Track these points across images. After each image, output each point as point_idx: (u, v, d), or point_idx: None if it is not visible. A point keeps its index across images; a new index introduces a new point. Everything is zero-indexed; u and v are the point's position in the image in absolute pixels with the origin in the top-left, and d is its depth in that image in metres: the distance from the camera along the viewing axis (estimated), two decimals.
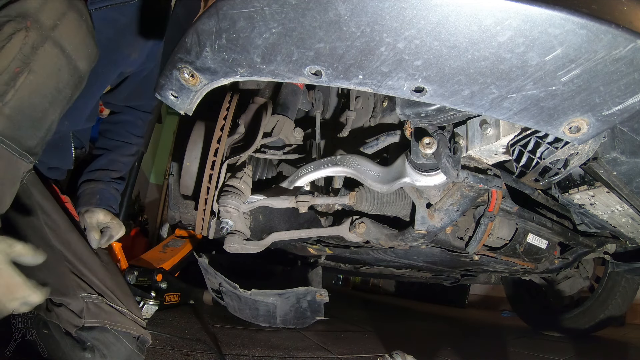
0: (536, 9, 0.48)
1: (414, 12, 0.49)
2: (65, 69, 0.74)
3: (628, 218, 1.17)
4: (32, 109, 0.71)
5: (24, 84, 0.68)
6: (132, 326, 0.98)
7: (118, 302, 0.98)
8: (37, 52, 0.69)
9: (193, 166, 1.29)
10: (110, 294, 0.98)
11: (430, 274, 1.99)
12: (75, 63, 0.76)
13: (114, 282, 1.02)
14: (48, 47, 0.71)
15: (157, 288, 1.65)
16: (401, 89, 0.61)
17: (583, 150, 0.83)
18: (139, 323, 1.00)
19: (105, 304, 0.95)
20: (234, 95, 1.21)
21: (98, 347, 0.91)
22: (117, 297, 0.98)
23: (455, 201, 0.94)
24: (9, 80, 0.67)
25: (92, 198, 1.14)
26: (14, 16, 0.68)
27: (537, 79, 0.55)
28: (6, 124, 0.68)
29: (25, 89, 0.69)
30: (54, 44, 0.71)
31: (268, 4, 0.51)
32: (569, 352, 1.81)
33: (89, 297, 0.93)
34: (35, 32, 0.69)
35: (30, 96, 0.70)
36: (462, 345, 1.96)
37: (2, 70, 0.66)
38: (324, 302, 1.58)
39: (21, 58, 0.67)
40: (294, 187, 1.10)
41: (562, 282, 2.12)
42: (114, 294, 0.98)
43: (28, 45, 0.68)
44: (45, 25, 0.70)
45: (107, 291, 0.97)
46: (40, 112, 0.73)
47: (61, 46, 0.72)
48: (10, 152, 0.70)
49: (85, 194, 1.15)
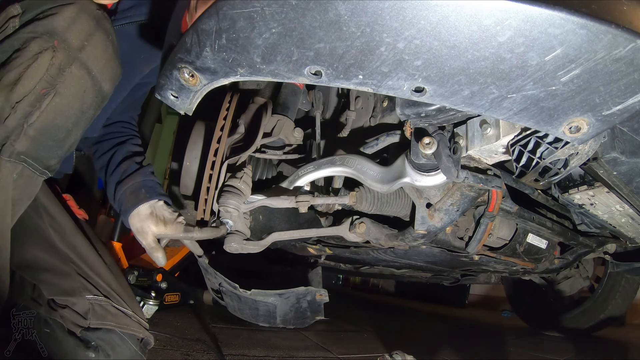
0: (536, 9, 0.48)
1: (414, 12, 0.49)
2: (91, 90, 0.74)
3: (628, 218, 1.16)
4: (56, 130, 0.71)
5: (49, 106, 0.68)
6: (137, 328, 0.98)
7: (123, 304, 0.98)
8: (64, 73, 0.68)
9: (193, 166, 1.29)
10: (116, 295, 0.97)
11: (430, 274, 1.99)
12: (101, 85, 0.76)
13: (119, 284, 1.01)
14: (75, 69, 0.70)
15: (157, 288, 1.65)
16: (401, 89, 0.61)
17: (583, 150, 0.83)
18: (143, 325, 1.00)
19: (111, 306, 0.95)
20: (234, 95, 1.21)
21: (103, 347, 0.91)
22: (122, 299, 0.98)
23: (455, 201, 0.94)
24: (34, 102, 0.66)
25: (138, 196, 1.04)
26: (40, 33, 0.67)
27: (537, 79, 0.55)
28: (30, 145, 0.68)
29: (51, 111, 0.68)
30: (81, 65, 0.70)
31: (268, 4, 0.51)
32: (569, 352, 1.81)
33: (95, 298, 0.92)
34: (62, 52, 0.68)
35: (55, 118, 0.69)
36: (462, 345, 1.96)
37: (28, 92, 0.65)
38: (324, 302, 1.58)
39: (48, 79, 0.67)
40: (294, 187, 1.10)
41: (562, 282, 2.12)
42: (119, 295, 0.98)
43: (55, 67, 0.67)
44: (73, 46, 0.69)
45: (113, 293, 0.97)
46: (63, 133, 0.73)
47: (88, 68, 0.72)
48: (32, 171, 0.71)
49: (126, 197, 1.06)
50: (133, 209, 1.03)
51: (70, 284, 0.91)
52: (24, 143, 0.67)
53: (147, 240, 1.04)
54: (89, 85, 0.73)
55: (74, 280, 0.92)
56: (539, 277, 2.07)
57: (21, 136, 0.66)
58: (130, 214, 1.04)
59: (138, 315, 1.00)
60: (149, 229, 1.03)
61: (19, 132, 0.66)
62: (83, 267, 0.95)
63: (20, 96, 0.65)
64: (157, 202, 1.06)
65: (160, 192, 1.09)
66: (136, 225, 1.04)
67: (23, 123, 0.66)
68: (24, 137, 0.67)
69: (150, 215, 1.04)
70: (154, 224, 1.04)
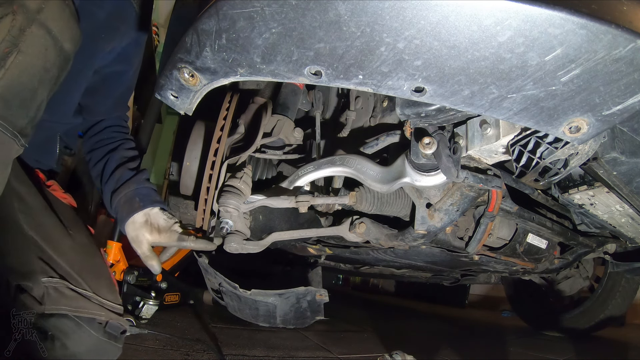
0: (536, 9, 0.48)
1: (414, 12, 0.49)
2: (52, 49, 0.77)
3: (628, 218, 1.16)
4: (21, 87, 0.74)
5: (13, 64, 0.71)
6: (98, 311, 0.91)
7: (84, 285, 0.91)
8: (25, 33, 0.72)
9: (193, 166, 1.29)
10: (76, 276, 0.91)
11: (430, 274, 1.99)
12: (61, 44, 0.79)
13: (85, 263, 0.95)
14: (35, 29, 0.73)
15: (157, 288, 1.64)
16: (401, 89, 0.61)
17: (583, 150, 0.83)
18: (107, 307, 0.93)
19: (67, 288, 0.88)
20: (234, 95, 1.21)
21: (58, 336, 0.84)
22: (83, 280, 0.92)
23: (455, 201, 0.94)
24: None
25: (132, 205, 1.06)
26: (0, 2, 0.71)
27: (537, 79, 0.55)
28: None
29: (15, 69, 0.71)
30: (40, 25, 0.74)
31: (268, 4, 0.51)
32: (569, 352, 1.81)
33: (49, 281, 0.87)
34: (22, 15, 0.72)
35: (20, 75, 0.72)
36: (462, 345, 1.96)
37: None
38: (324, 302, 1.58)
39: (10, 39, 0.70)
40: (294, 187, 1.10)
41: (562, 282, 2.12)
42: (80, 276, 0.91)
43: (16, 28, 0.71)
44: (31, 9, 0.73)
45: (73, 274, 0.91)
46: (29, 92, 0.75)
47: (47, 28, 0.75)
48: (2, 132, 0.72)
49: (121, 206, 1.07)
50: (128, 218, 1.05)
51: (28, 267, 0.87)
52: None
53: (142, 249, 1.05)
54: (50, 44, 0.76)
55: (32, 262, 0.88)
56: (539, 277, 2.07)
57: None
58: (125, 223, 1.06)
59: (103, 297, 0.93)
60: (144, 237, 1.05)
61: None
62: (46, 249, 0.90)
63: None
64: (151, 209, 1.08)
65: (155, 199, 1.10)
66: (131, 234, 1.06)
67: None
68: None
69: (145, 223, 1.06)
70: (149, 232, 1.05)
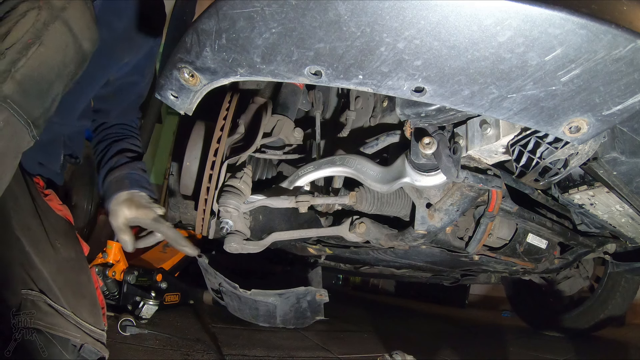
0: (536, 9, 0.48)
1: (414, 12, 0.49)
2: (72, 46, 0.81)
3: (628, 218, 1.16)
4: (40, 78, 0.77)
5: (34, 54, 0.74)
6: (73, 331, 0.87)
7: (62, 302, 0.88)
8: (48, 28, 0.76)
9: (193, 166, 1.29)
10: (57, 292, 0.88)
11: (430, 274, 1.99)
12: (80, 42, 0.82)
13: (67, 280, 0.93)
14: (58, 25, 0.77)
15: (157, 288, 1.64)
16: (401, 89, 0.61)
17: (583, 150, 0.83)
18: (84, 329, 0.89)
19: (44, 303, 0.86)
20: (234, 95, 1.21)
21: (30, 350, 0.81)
22: (62, 296, 0.89)
23: (455, 201, 0.94)
24: (21, 50, 0.73)
25: (121, 185, 1.07)
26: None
27: (537, 79, 0.55)
28: (16, 88, 0.73)
29: (36, 59, 0.75)
30: (63, 22, 0.78)
31: (268, 4, 0.51)
32: (569, 352, 1.81)
33: (27, 293, 0.85)
34: (46, 11, 0.76)
35: (39, 66, 0.76)
36: (462, 345, 1.96)
37: (16, 40, 0.72)
38: (324, 302, 1.58)
39: (33, 32, 0.74)
40: (294, 187, 1.10)
41: (562, 282, 2.12)
42: (60, 292, 0.89)
43: (40, 22, 0.75)
44: (56, 6, 0.77)
45: (54, 288, 0.88)
46: (46, 83, 0.79)
47: (69, 25, 0.79)
48: (17, 118, 0.74)
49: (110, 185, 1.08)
50: (113, 195, 1.06)
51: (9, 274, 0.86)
52: (11, 86, 0.72)
53: (117, 222, 1.05)
54: (70, 41, 0.80)
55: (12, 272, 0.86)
56: (539, 277, 2.07)
57: (8, 79, 0.72)
58: (109, 199, 1.07)
59: (83, 318, 0.90)
60: (122, 212, 1.05)
61: (6, 76, 0.72)
62: (31, 255, 0.89)
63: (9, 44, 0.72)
64: (138, 192, 1.08)
65: (144, 185, 1.11)
66: (111, 208, 1.06)
67: (11, 68, 0.72)
68: (11, 80, 0.72)
69: (127, 200, 1.06)
70: (127, 207, 1.05)
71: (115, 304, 1.51)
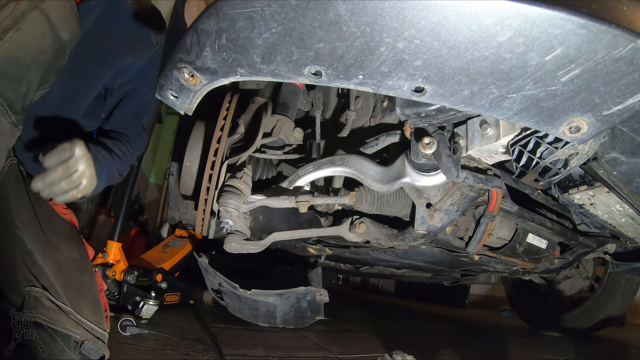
0: (536, 9, 0.47)
1: (414, 12, 0.49)
2: (49, 34, 0.85)
3: (628, 218, 1.16)
4: (16, 61, 0.81)
5: (12, 38, 0.78)
6: (74, 328, 0.89)
7: (63, 299, 0.90)
8: (26, 16, 0.80)
9: (193, 166, 1.29)
10: (58, 289, 0.90)
11: (430, 274, 1.99)
12: (59, 32, 0.86)
13: (68, 278, 0.95)
14: (36, 14, 0.82)
15: (157, 288, 1.64)
16: (401, 89, 0.60)
17: (583, 150, 0.83)
18: (85, 327, 0.91)
19: (46, 299, 0.88)
20: (234, 95, 1.21)
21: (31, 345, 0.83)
22: (64, 293, 0.91)
23: (455, 201, 0.94)
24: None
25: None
26: None
27: (537, 79, 0.55)
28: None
29: (13, 43, 0.79)
30: (41, 12, 0.82)
31: (268, 4, 0.51)
32: (569, 352, 1.81)
33: (31, 289, 0.88)
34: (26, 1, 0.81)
35: (16, 50, 0.80)
36: (462, 345, 1.96)
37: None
38: (324, 302, 1.58)
39: (12, 19, 0.78)
40: (294, 187, 1.10)
41: (562, 282, 2.12)
42: (62, 289, 0.91)
43: (19, 10, 0.79)
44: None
45: (56, 286, 0.90)
46: (22, 67, 0.82)
47: (47, 15, 0.83)
48: None
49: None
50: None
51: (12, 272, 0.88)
52: None
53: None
54: (48, 29, 0.84)
55: (16, 269, 0.88)
56: (539, 277, 2.07)
57: None
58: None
59: (84, 316, 0.92)
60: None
61: None
62: (34, 253, 0.91)
63: None
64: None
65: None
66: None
67: None
68: None
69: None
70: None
71: (115, 304, 1.51)
